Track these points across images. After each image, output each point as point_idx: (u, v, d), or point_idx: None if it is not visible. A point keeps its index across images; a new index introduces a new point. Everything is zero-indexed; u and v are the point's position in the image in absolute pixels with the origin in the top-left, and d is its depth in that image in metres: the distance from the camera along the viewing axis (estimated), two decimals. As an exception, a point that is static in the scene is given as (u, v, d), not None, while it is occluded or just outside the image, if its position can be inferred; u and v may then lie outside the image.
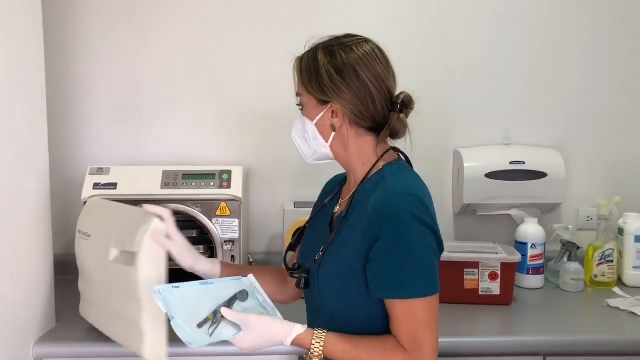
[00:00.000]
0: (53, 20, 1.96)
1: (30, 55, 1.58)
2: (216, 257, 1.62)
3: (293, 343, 1.18)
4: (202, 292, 1.27)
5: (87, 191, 1.64)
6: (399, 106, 1.23)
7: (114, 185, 1.65)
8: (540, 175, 2.02)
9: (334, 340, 1.17)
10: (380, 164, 1.25)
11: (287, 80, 2.07)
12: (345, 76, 1.20)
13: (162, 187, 1.66)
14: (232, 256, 1.64)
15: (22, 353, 1.49)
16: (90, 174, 1.68)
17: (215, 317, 1.21)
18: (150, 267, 1.27)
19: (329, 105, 1.23)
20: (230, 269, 1.40)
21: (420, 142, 1.74)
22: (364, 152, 1.26)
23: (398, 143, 1.30)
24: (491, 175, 2.01)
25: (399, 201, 1.14)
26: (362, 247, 1.17)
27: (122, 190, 1.64)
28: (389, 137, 1.27)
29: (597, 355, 1.58)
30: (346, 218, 1.24)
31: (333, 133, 1.24)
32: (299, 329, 1.18)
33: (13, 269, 1.46)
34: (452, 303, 1.80)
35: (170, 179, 1.67)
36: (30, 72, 1.58)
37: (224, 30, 2.07)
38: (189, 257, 1.34)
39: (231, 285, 1.30)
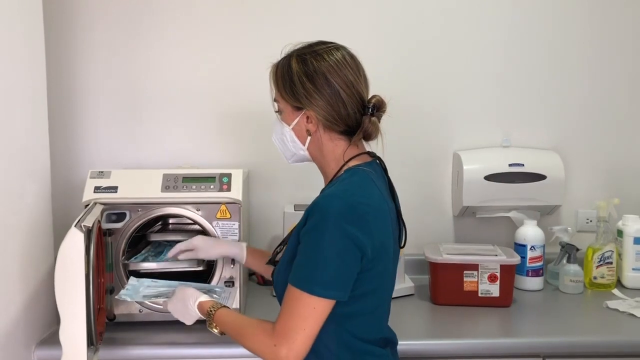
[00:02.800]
0: (54, 23, 1.98)
1: (32, 58, 1.59)
2: (216, 262, 1.63)
3: (197, 307, 1.35)
4: (174, 285, 1.53)
5: (88, 194, 1.64)
6: (370, 110, 1.26)
7: (114, 189, 1.65)
8: (539, 177, 2.03)
9: (225, 312, 1.31)
10: (345, 168, 1.27)
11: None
12: (317, 83, 1.25)
13: (162, 191, 1.66)
14: (232, 259, 1.64)
15: (24, 356, 1.49)
16: (91, 177, 1.68)
17: (163, 294, 1.49)
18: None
19: (303, 112, 1.28)
20: (255, 255, 1.59)
21: (420, 145, 1.76)
22: (337, 156, 1.29)
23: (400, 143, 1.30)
24: (490, 178, 2.02)
25: (328, 203, 1.16)
26: (295, 242, 1.21)
27: (123, 193, 1.64)
28: (362, 140, 1.30)
29: (597, 357, 1.59)
30: None
31: (309, 137, 1.30)
32: (204, 298, 1.36)
33: (14, 272, 1.47)
34: (452, 305, 1.82)
35: (170, 182, 1.68)
36: (31, 75, 1.59)
37: (224, 34, 2.08)
38: (215, 250, 1.56)
39: (208, 286, 1.55)
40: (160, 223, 1.90)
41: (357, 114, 1.26)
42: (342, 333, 1.22)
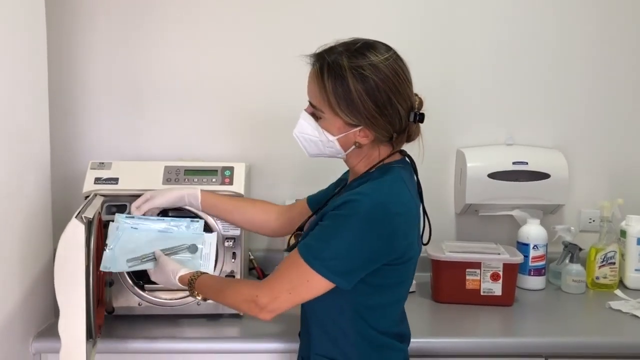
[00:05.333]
0: (56, 14, 1.95)
1: (33, 48, 1.57)
2: (216, 255, 1.61)
3: (179, 280, 1.35)
4: (157, 237, 1.48)
5: (88, 186, 1.62)
6: (417, 117, 1.23)
7: (115, 180, 1.64)
8: (543, 176, 2.01)
9: (206, 277, 1.33)
10: (377, 166, 1.26)
11: (289, 78, 2.08)
12: (379, 104, 1.18)
13: (163, 183, 1.64)
14: (234, 253, 1.63)
15: (21, 347, 1.48)
16: (91, 168, 1.66)
17: (146, 257, 1.44)
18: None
19: (359, 128, 1.21)
20: (210, 196, 1.55)
21: (423, 142, 1.73)
22: (373, 159, 1.27)
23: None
24: (494, 176, 2.00)
25: (358, 200, 1.14)
26: (318, 220, 1.21)
27: (124, 185, 1.63)
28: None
29: (599, 357, 1.58)
30: None
31: (353, 147, 1.24)
32: (183, 271, 1.36)
33: (13, 263, 1.45)
34: (454, 303, 1.80)
35: (172, 175, 1.66)
36: (32, 65, 1.57)
37: (227, 27, 2.06)
38: (171, 193, 1.53)
39: (189, 237, 1.50)
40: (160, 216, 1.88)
41: (407, 122, 1.23)
42: (360, 323, 1.22)
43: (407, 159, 1.31)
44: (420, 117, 1.24)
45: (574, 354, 1.58)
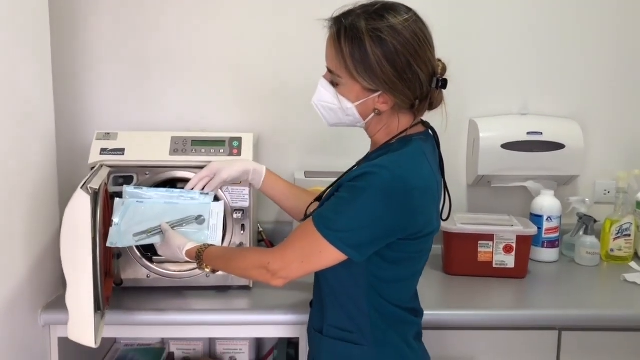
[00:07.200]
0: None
1: (35, 17, 1.54)
2: (225, 226, 1.58)
3: (185, 254, 1.36)
4: (163, 210, 1.46)
5: (94, 156, 1.60)
6: (440, 83, 1.19)
7: (121, 151, 1.61)
8: (558, 146, 1.96)
9: (214, 249, 1.34)
10: (399, 137, 1.22)
11: (298, 46, 2.03)
12: (398, 68, 1.13)
13: (170, 154, 1.62)
14: (243, 225, 1.60)
15: (30, 319, 1.48)
16: (97, 139, 1.63)
17: (153, 230, 1.43)
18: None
19: (378, 94, 1.17)
20: (273, 177, 1.54)
21: (434, 111, 1.70)
22: (393, 128, 1.22)
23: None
24: (507, 146, 1.96)
25: (376, 172, 1.11)
26: (334, 191, 1.19)
27: (130, 156, 1.60)
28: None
29: (614, 330, 1.56)
30: None
31: (373, 114, 1.20)
32: (190, 245, 1.36)
33: (20, 235, 1.44)
34: (466, 275, 1.78)
35: (179, 146, 1.63)
36: (35, 34, 1.54)
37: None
38: (236, 166, 1.51)
39: (196, 208, 1.48)
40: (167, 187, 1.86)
41: (428, 88, 1.18)
42: (374, 296, 1.21)
43: (429, 131, 1.27)
44: (443, 83, 1.19)
45: (588, 327, 1.56)
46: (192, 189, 1.51)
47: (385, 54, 1.12)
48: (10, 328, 1.39)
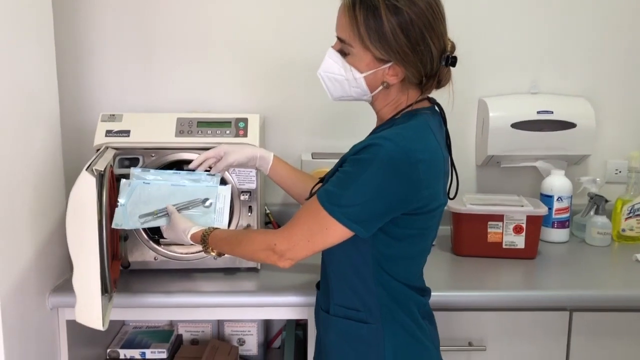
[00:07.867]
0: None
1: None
2: (232, 209, 1.57)
3: (191, 238, 1.35)
4: (170, 192, 1.45)
5: (99, 138, 1.58)
6: (450, 60, 1.17)
7: (126, 133, 1.59)
8: (569, 125, 1.93)
9: (219, 232, 1.33)
10: (404, 112, 1.20)
11: (304, 26, 1.99)
12: (411, 39, 1.12)
13: (176, 135, 1.60)
14: (250, 207, 1.59)
15: (38, 302, 1.47)
16: (102, 120, 1.62)
17: (159, 212, 1.42)
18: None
19: (389, 65, 1.15)
20: (281, 164, 1.52)
21: (443, 90, 1.68)
22: (400, 103, 1.21)
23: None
24: (517, 126, 1.93)
25: (380, 144, 1.09)
26: (337, 167, 1.18)
27: (135, 137, 1.58)
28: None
29: (626, 310, 1.55)
30: None
31: (381, 87, 1.19)
32: (195, 229, 1.35)
33: (26, 219, 1.43)
34: (475, 256, 1.77)
35: (185, 127, 1.61)
36: (38, 16, 1.51)
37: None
38: (245, 151, 1.49)
39: (202, 190, 1.47)
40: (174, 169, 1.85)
41: (438, 64, 1.17)
42: (381, 274, 1.19)
43: (436, 107, 1.25)
44: (453, 61, 1.18)
45: (599, 307, 1.54)
46: (197, 167, 1.49)
47: (400, 23, 1.11)
48: (19, 311, 1.39)
